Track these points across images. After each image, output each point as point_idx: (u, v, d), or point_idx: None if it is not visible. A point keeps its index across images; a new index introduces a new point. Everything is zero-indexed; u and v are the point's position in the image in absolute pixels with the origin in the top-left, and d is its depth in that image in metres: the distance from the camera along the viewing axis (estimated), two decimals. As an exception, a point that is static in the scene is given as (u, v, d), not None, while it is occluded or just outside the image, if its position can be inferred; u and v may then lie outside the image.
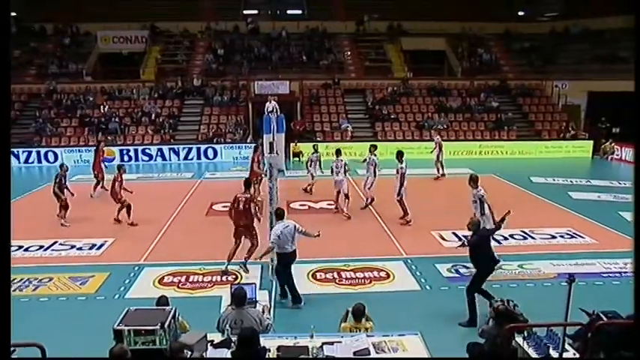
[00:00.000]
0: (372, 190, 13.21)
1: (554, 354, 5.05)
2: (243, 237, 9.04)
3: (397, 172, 11.86)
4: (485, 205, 9.20)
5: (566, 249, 10.24)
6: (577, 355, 5.01)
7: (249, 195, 9.15)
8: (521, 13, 29.62)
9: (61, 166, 12.88)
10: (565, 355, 4.94)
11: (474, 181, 9.47)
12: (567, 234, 11.11)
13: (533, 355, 5.19)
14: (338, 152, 13.57)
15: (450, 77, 26.96)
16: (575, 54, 26.01)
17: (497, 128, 22.96)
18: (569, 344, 5.14)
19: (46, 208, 13.59)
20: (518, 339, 5.40)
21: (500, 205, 13.73)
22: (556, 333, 5.21)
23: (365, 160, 13.47)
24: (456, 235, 10.86)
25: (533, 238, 10.93)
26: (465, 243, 7.54)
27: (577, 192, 15.07)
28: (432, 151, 17.49)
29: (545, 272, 9.02)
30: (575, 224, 11.73)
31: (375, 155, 13.38)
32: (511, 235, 11.02)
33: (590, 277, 8.70)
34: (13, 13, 28.38)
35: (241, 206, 8.92)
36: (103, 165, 15.56)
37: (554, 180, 16.87)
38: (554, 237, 10.98)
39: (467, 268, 8.90)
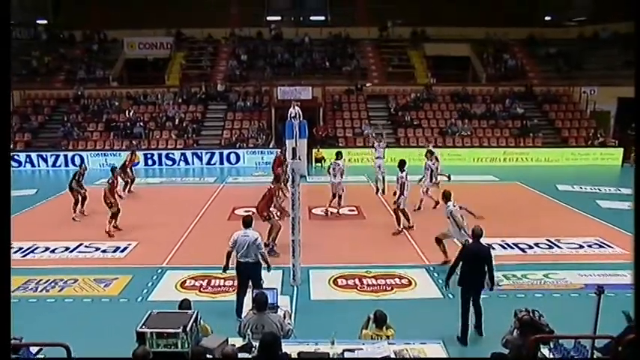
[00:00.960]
0: (431, 193, 13.45)
1: (581, 367, 4.91)
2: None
3: (397, 181, 11.65)
4: (456, 220, 8.96)
5: (594, 259, 9.97)
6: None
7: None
8: (547, 18, 29.15)
9: (81, 165, 13.91)
10: (593, 368, 4.79)
11: (446, 197, 9.30)
12: (595, 244, 10.82)
13: (559, 367, 5.06)
14: (338, 155, 13.66)
15: (474, 83, 26.67)
16: (604, 59, 25.46)
17: (522, 135, 22.60)
18: (597, 358, 4.98)
19: (71, 211, 13.88)
20: (544, 350, 5.27)
21: (524, 213, 13.56)
22: (584, 345, 5.06)
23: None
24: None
25: (559, 247, 10.68)
26: None
27: (606, 200, 14.69)
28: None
29: (572, 282, 8.80)
30: (604, 234, 11.42)
31: (438, 159, 13.69)
32: (536, 244, 10.81)
33: (620, 289, 8.42)
34: (44, 21, 29.28)
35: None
36: (130, 169, 16.01)
37: (581, 188, 16.50)
38: (581, 246, 10.71)
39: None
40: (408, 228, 11.77)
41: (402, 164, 11.86)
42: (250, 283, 7.28)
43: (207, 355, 4.80)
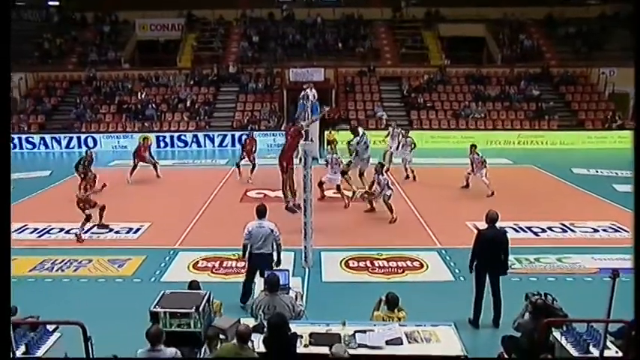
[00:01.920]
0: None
1: (594, 351, 4.87)
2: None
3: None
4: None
5: (608, 243, 9.84)
6: (620, 354, 4.81)
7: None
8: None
9: (86, 151, 14.27)
10: (606, 353, 4.74)
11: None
12: (610, 227, 10.68)
13: (572, 351, 5.03)
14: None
15: (488, 65, 26.19)
16: (625, 39, 24.78)
17: (537, 117, 22.25)
18: (611, 342, 4.94)
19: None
20: (556, 334, 5.24)
21: (538, 197, 13.42)
22: (597, 330, 5.02)
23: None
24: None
25: (573, 231, 10.57)
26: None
27: (622, 184, 14.44)
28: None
29: (586, 267, 8.72)
30: (620, 217, 11.23)
31: (478, 154, 13.42)
32: (549, 228, 10.71)
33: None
34: (56, 3, 29.25)
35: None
36: (149, 154, 15.75)
37: (597, 172, 16.26)
38: (596, 230, 10.59)
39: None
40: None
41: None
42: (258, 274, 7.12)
43: (221, 336, 4.85)
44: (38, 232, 10.72)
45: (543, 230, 10.57)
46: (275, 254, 7.13)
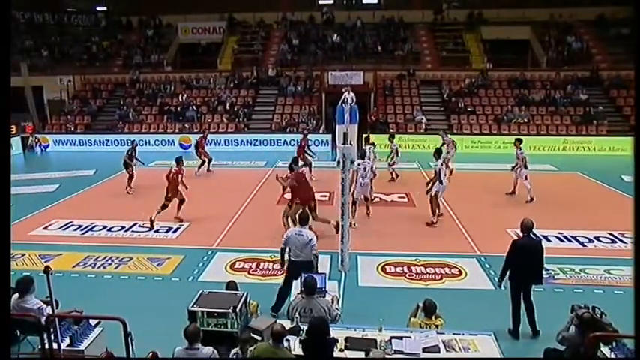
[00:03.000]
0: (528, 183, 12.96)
1: (646, 369, 4.61)
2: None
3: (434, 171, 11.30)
4: None
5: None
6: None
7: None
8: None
9: (132, 142, 15.42)
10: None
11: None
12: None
13: (622, 368, 4.78)
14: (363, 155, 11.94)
15: (533, 68, 25.47)
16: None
17: (584, 123, 21.45)
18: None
19: (127, 192, 14.39)
20: (604, 349, 5.00)
21: (584, 205, 12.89)
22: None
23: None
24: (534, 234, 10.28)
25: (623, 242, 10.07)
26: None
27: (675, 194, 13.74)
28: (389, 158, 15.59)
29: (637, 279, 8.29)
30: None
31: (520, 149, 13.31)
32: (597, 238, 10.27)
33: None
34: (104, 8, 30.41)
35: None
36: (205, 149, 17.08)
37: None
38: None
39: (545, 270, 8.37)
40: (432, 222, 11.22)
41: (437, 153, 11.43)
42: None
43: (257, 337, 4.86)
44: (82, 229, 11.06)
45: (590, 240, 10.14)
46: (314, 264, 6.99)
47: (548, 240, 9.79)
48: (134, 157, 14.61)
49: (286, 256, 7.07)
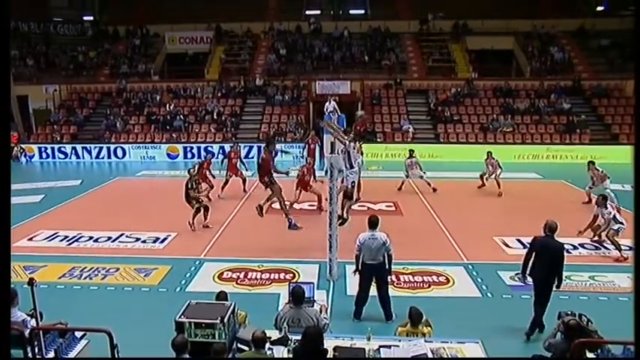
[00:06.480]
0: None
1: (631, 374, 4.68)
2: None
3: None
4: None
5: (644, 261, 9.47)
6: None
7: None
8: (600, 8, 27.84)
9: (189, 170, 12.16)
10: (645, 376, 4.53)
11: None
12: (647, 245, 10.28)
13: (608, 374, 4.84)
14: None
15: (517, 78, 25.85)
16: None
17: (568, 131, 21.79)
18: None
19: (114, 202, 14.29)
20: (590, 356, 5.05)
21: (569, 212, 13.06)
22: (633, 352, 4.81)
23: None
24: (520, 242, 10.40)
25: (607, 248, 10.23)
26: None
27: (657, 201, 13.97)
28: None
29: (621, 286, 8.41)
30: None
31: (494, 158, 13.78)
32: (581, 245, 10.40)
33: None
34: (90, 18, 30.29)
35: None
36: (238, 166, 15.20)
37: (632, 187, 15.73)
38: (631, 248, 10.21)
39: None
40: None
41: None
42: (375, 285, 7.21)
43: (245, 348, 4.85)
44: (68, 240, 10.93)
45: (575, 247, 10.25)
46: (387, 263, 7.13)
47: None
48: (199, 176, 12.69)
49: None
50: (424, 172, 15.10)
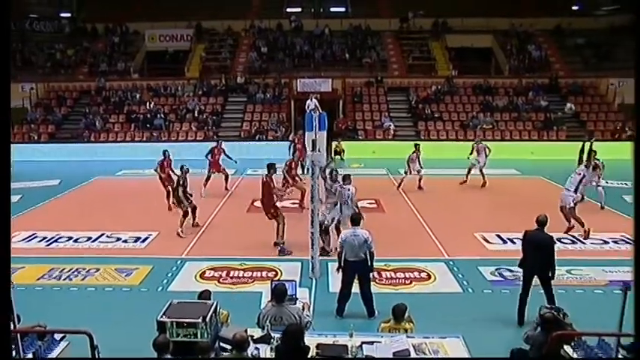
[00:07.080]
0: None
1: (606, 365, 4.81)
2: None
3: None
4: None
5: (619, 255, 9.70)
6: (632, 368, 4.73)
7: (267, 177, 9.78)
8: (575, 8, 28.32)
9: (182, 167, 11.44)
10: (619, 366, 4.67)
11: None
12: (621, 239, 10.55)
13: (583, 365, 4.96)
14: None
15: (496, 76, 26.19)
16: (634, 50, 24.61)
17: (545, 128, 22.18)
18: (623, 356, 4.86)
19: (93, 201, 14.11)
20: (567, 348, 5.18)
21: (546, 208, 13.27)
22: (608, 343, 4.95)
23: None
24: (500, 238, 10.57)
25: (583, 243, 10.47)
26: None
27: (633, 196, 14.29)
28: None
29: (597, 279, 8.61)
30: (630, 229, 11.04)
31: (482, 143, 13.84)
32: (559, 239, 10.55)
33: (646, 286, 8.22)
34: (68, 14, 29.72)
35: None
36: (221, 162, 15.30)
37: (607, 183, 16.06)
38: (606, 242, 10.48)
39: (511, 271, 8.64)
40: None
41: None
42: (358, 282, 7.25)
43: (227, 346, 4.85)
44: (47, 241, 10.76)
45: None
46: (369, 261, 7.16)
47: (513, 242, 10.05)
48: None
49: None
50: (422, 167, 15.15)
